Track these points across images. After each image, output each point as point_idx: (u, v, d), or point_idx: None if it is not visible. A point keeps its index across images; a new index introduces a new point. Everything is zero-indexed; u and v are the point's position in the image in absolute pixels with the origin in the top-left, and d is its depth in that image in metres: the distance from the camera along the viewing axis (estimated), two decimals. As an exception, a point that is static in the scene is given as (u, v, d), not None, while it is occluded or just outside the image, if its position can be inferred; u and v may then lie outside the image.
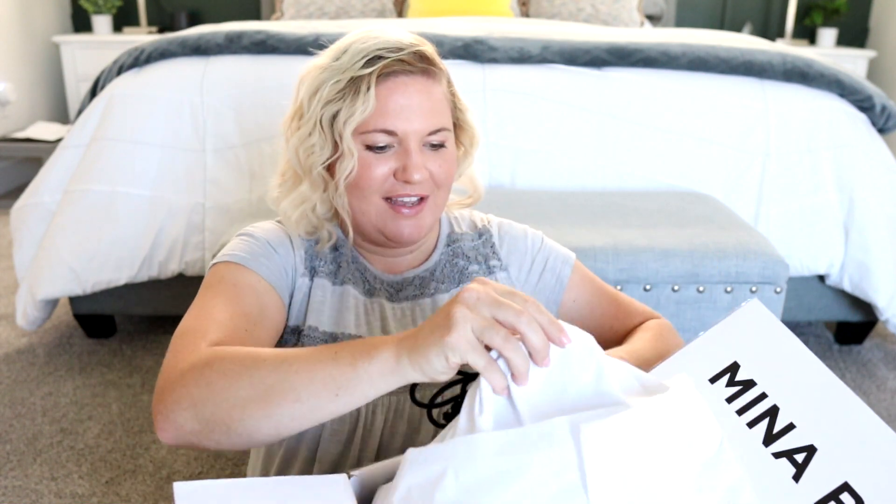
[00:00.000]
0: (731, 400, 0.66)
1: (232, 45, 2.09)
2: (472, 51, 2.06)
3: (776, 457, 0.61)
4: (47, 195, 2.08)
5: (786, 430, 0.63)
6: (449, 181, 0.94)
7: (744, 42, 2.22)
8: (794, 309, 2.15)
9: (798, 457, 0.61)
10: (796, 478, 0.60)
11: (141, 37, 3.98)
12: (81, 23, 4.39)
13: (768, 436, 0.63)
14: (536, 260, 1.03)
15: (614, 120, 2.04)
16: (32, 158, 3.79)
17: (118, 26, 4.32)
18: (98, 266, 2.01)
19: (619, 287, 1.57)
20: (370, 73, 0.86)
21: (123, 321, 2.40)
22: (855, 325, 2.29)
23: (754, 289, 1.57)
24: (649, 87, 2.06)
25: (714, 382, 0.67)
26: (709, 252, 1.58)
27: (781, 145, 2.05)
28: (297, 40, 2.06)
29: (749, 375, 0.66)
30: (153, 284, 2.12)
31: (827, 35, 4.09)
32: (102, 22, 4.09)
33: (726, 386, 0.66)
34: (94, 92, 2.20)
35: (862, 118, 2.10)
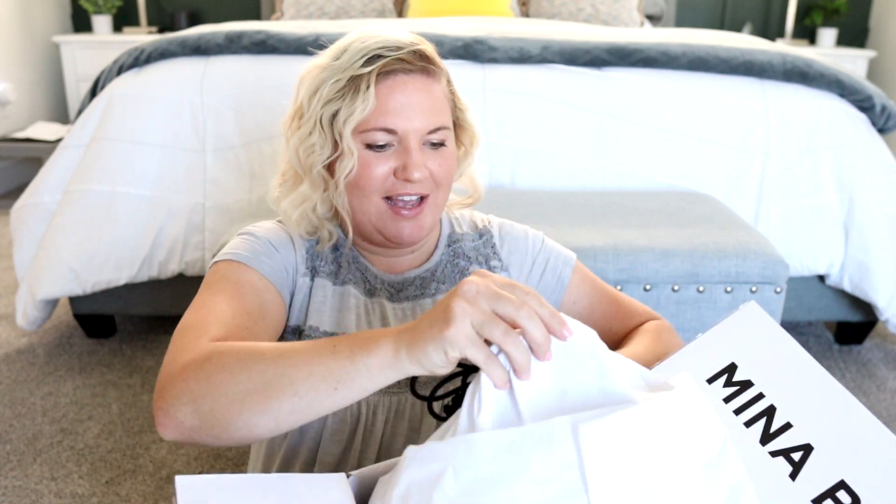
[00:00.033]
0: (729, 400, 0.66)
1: (232, 45, 2.09)
2: (472, 51, 2.06)
3: (773, 455, 0.62)
4: (47, 195, 2.08)
5: (783, 430, 0.63)
6: (449, 180, 0.94)
7: (744, 42, 2.22)
8: (794, 309, 2.15)
9: (795, 455, 0.61)
10: (793, 476, 0.60)
11: (141, 37, 3.98)
12: (81, 23, 4.39)
13: (765, 435, 0.63)
14: (537, 261, 1.03)
15: (614, 120, 2.04)
16: (32, 158, 3.79)
17: (118, 26, 4.32)
18: (98, 266, 2.01)
19: (619, 287, 1.56)
20: (370, 72, 0.86)
21: (123, 321, 2.40)
22: (855, 325, 2.29)
23: (754, 289, 1.57)
24: (649, 87, 2.06)
25: (712, 383, 0.67)
26: (709, 252, 1.58)
27: (781, 145, 2.05)
28: (297, 40, 2.06)
29: (746, 376, 0.66)
30: (153, 284, 2.12)
31: (827, 35, 4.09)
32: (102, 22, 4.09)
33: (724, 386, 0.67)
34: (94, 92, 2.20)
35: (862, 118, 2.10)
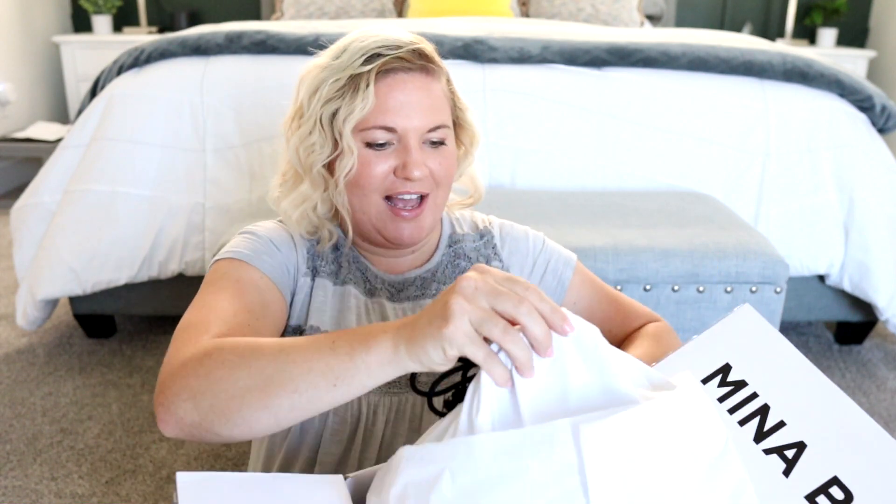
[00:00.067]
0: (723, 399, 0.66)
1: (232, 45, 2.09)
2: (472, 51, 2.06)
3: (766, 453, 0.62)
4: (47, 195, 2.08)
5: (776, 428, 0.63)
6: (449, 179, 0.94)
7: (744, 42, 2.22)
8: (794, 309, 2.15)
9: (788, 453, 0.62)
10: (786, 473, 0.61)
11: (141, 37, 3.98)
12: (81, 23, 4.39)
13: (759, 433, 0.63)
14: (538, 262, 1.03)
15: (614, 120, 2.04)
16: (32, 158, 3.79)
17: (118, 26, 4.32)
18: (98, 266, 2.01)
19: (619, 287, 1.56)
20: (369, 71, 0.86)
21: (123, 321, 2.40)
22: (855, 325, 2.29)
23: (754, 289, 1.57)
24: (649, 87, 2.06)
25: (706, 383, 0.67)
26: (709, 252, 1.58)
27: (781, 145, 2.05)
28: (297, 40, 2.06)
29: (741, 376, 0.67)
30: (153, 284, 2.12)
31: (827, 35, 4.09)
32: (102, 22, 4.09)
33: (718, 386, 0.67)
34: (94, 92, 2.20)
35: (862, 118, 2.10)
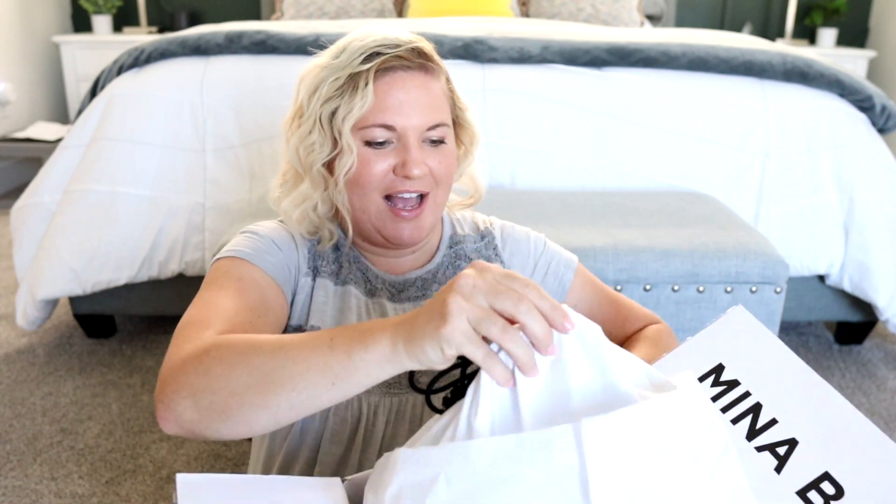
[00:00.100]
0: (716, 399, 0.67)
1: (232, 45, 2.09)
2: (472, 51, 2.06)
3: (759, 450, 0.63)
4: (47, 195, 2.08)
5: (768, 426, 0.64)
6: (449, 178, 0.94)
7: (744, 42, 2.22)
8: (794, 309, 2.15)
9: (780, 450, 0.62)
10: (778, 469, 0.62)
11: (141, 37, 3.98)
12: (81, 23, 4.39)
13: (751, 431, 0.64)
14: (539, 264, 1.03)
15: (614, 120, 2.04)
16: (32, 158, 3.79)
17: (118, 26, 4.32)
18: (98, 266, 2.01)
19: (619, 287, 1.56)
20: (368, 69, 0.87)
21: (123, 321, 2.40)
22: (855, 325, 2.29)
23: (754, 289, 1.57)
24: (649, 87, 2.06)
25: (700, 383, 0.68)
26: (709, 252, 1.58)
27: (781, 145, 2.05)
28: (297, 40, 2.06)
29: (733, 376, 0.67)
30: (153, 284, 2.12)
31: (827, 35, 4.09)
32: (102, 22, 4.09)
33: (711, 386, 0.68)
34: (94, 92, 2.20)
35: (862, 118, 2.10)
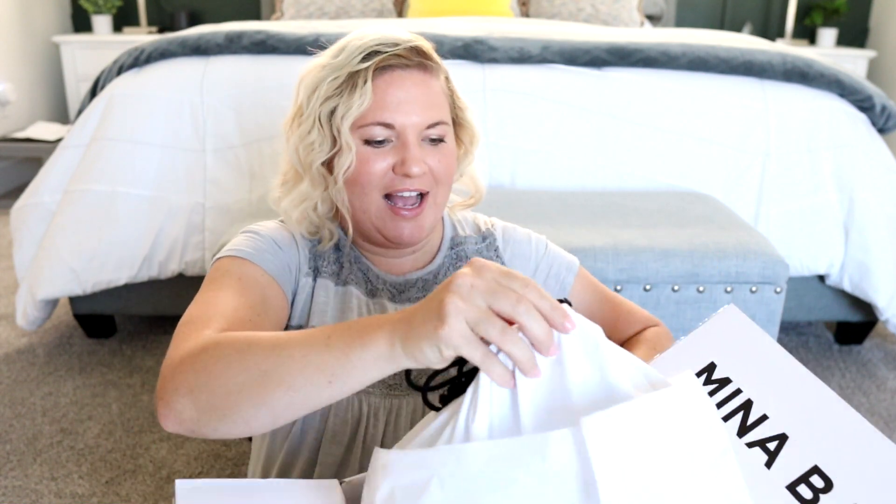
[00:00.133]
0: (708, 397, 0.67)
1: (232, 45, 2.09)
2: (472, 51, 2.06)
3: (749, 446, 0.63)
4: (47, 195, 2.08)
5: (759, 422, 0.64)
6: (449, 177, 0.94)
7: (744, 42, 2.22)
8: (794, 309, 2.15)
9: (770, 445, 0.63)
10: (768, 465, 0.62)
11: (141, 37, 3.98)
12: (81, 23, 4.39)
13: (742, 427, 0.64)
14: (540, 266, 1.03)
15: (614, 120, 2.04)
16: (32, 158, 3.79)
17: (118, 26, 4.32)
18: (98, 266, 2.01)
19: (619, 287, 1.57)
20: (367, 68, 0.87)
21: (123, 321, 2.40)
22: (855, 325, 2.29)
23: (754, 289, 1.57)
24: (649, 87, 2.06)
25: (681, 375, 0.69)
26: (709, 252, 1.58)
27: (781, 145, 2.05)
28: (297, 40, 2.06)
29: (725, 374, 0.68)
30: (153, 284, 2.12)
31: (827, 35, 4.09)
32: (102, 22, 4.09)
33: (704, 384, 0.68)
34: (94, 92, 2.20)
35: (862, 118, 2.10)
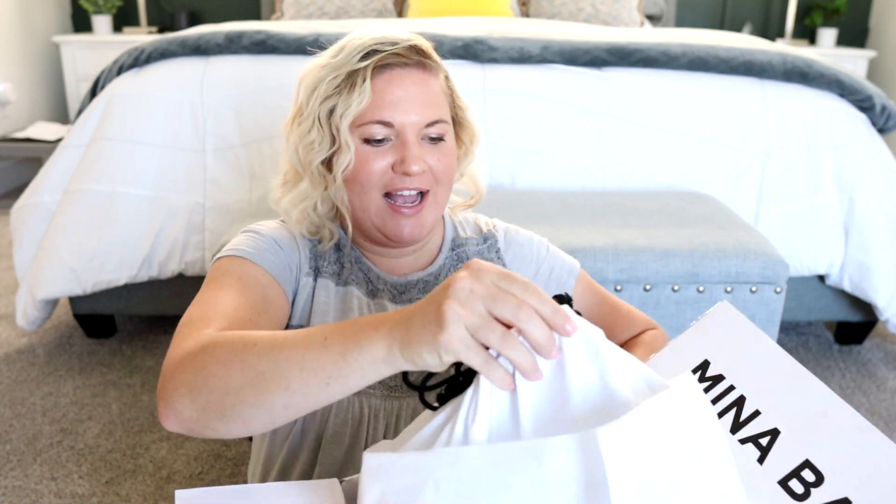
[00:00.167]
0: None
1: (232, 45, 2.09)
2: (472, 51, 2.06)
3: (742, 443, 0.63)
4: (47, 195, 2.08)
5: (752, 417, 0.65)
6: (449, 177, 0.94)
7: (744, 42, 2.22)
8: (794, 309, 2.15)
9: (763, 440, 0.63)
10: (761, 460, 0.62)
11: (141, 37, 3.98)
12: (81, 23, 4.39)
13: (735, 424, 0.65)
14: (542, 268, 1.03)
15: (614, 120, 2.04)
16: (32, 158, 3.79)
17: (118, 26, 4.32)
18: (98, 266, 2.01)
19: (619, 287, 1.57)
20: (366, 66, 0.87)
21: (123, 321, 2.40)
22: (855, 325, 2.29)
23: (754, 289, 1.57)
24: (649, 87, 2.06)
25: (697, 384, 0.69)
26: (709, 252, 1.58)
27: (781, 145, 2.05)
28: (297, 40, 2.06)
29: (718, 371, 0.68)
30: (153, 284, 2.12)
31: (827, 35, 4.09)
32: (102, 22, 4.09)
33: (698, 382, 0.68)
34: (94, 92, 2.20)
35: (862, 118, 2.10)
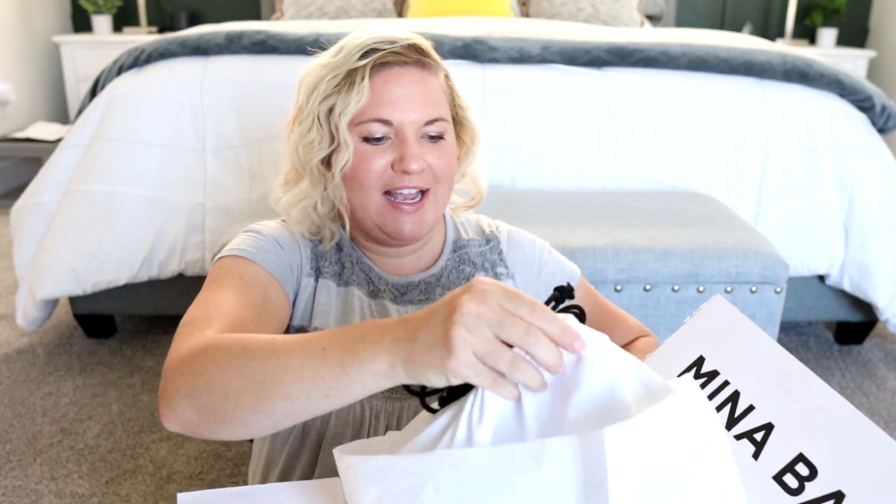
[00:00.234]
0: None
1: (232, 45, 2.09)
2: (472, 51, 2.06)
3: (737, 438, 0.64)
4: (47, 195, 2.08)
5: (746, 412, 0.65)
6: (449, 175, 0.94)
7: (744, 42, 2.22)
8: (794, 309, 2.15)
9: (757, 436, 0.63)
10: (755, 456, 0.62)
11: (141, 37, 3.98)
12: (81, 23, 4.39)
13: (730, 419, 0.65)
14: (544, 271, 1.03)
15: (614, 120, 2.04)
16: (32, 158, 3.79)
17: (118, 26, 4.32)
18: (98, 266, 2.01)
19: (619, 287, 1.57)
20: (364, 65, 0.87)
21: (123, 321, 2.40)
22: (855, 325, 2.29)
23: (754, 289, 1.57)
24: (649, 87, 2.06)
25: (681, 377, 0.69)
26: (709, 252, 1.58)
27: (781, 145, 2.05)
28: (297, 40, 2.06)
29: (713, 367, 0.68)
30: (153, 284, 2.12)
31: (827, 35, 4.09)
32: (102, 22, 4.09)
33: (693, 379, 0.68)
34: (94, 92, 2.20)
35: (862, 118, 2.10)
